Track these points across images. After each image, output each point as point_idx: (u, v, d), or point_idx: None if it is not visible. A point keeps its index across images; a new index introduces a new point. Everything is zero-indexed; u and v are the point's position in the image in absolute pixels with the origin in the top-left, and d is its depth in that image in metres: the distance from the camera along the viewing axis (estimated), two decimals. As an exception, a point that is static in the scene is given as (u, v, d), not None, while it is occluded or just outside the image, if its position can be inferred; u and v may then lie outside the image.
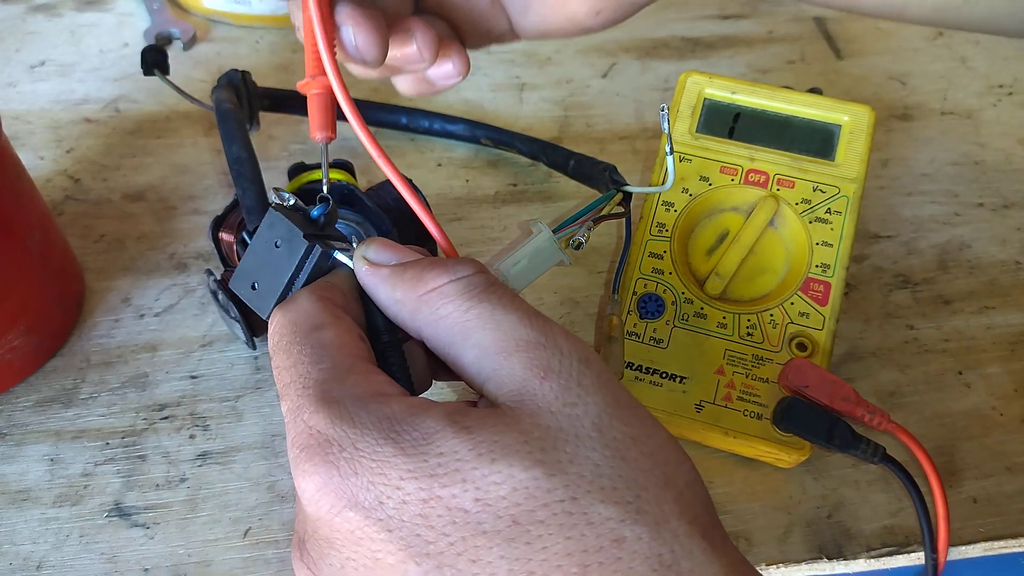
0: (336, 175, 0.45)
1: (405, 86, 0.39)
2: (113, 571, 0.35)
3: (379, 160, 0.29)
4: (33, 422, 0.40)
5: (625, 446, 0.23)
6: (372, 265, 0.27)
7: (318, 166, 0.45)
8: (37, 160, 0.52)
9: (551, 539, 0.22)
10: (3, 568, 0.35)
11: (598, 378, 0.24)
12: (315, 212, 0.29)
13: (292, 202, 0.29)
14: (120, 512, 0.37)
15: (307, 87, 0.29)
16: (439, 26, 0.37)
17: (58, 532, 0.36)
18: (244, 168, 0.45)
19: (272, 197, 0.29)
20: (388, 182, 0.45)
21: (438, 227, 0.30)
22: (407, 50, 0.34)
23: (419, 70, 0.36)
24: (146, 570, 0.35)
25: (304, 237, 0.27)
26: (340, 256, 0.28)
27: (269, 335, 0.27)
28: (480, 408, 0.24)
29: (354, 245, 0.28)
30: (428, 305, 0.26)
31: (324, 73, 0.29)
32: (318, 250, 0.27)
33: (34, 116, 0.54)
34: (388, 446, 0.23)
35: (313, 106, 0.29)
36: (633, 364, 0.39)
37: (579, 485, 0.22)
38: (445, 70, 0.37)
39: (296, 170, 0.45)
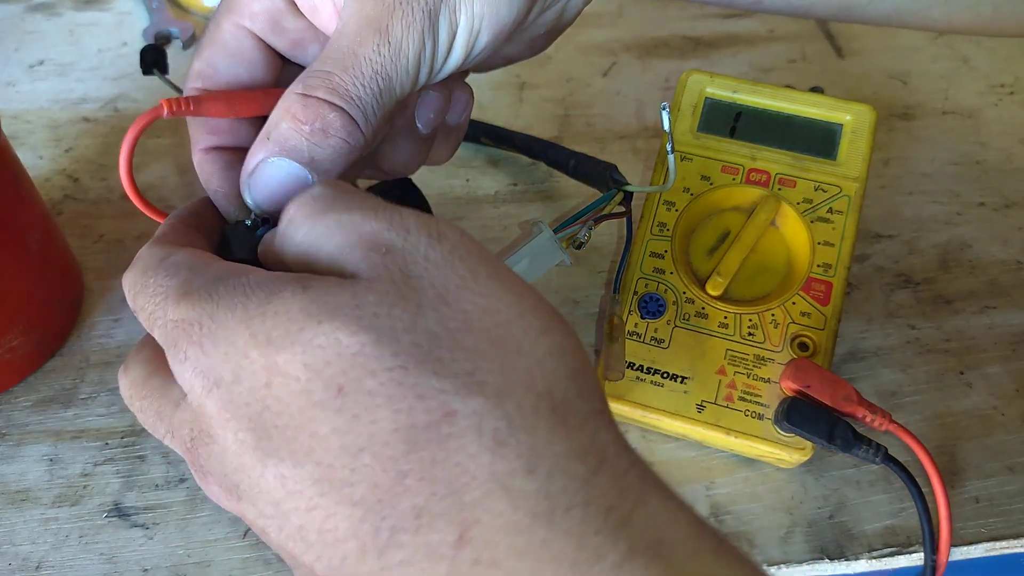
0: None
1: (441, 151, 0.36)
2: (113, 571, 0.35)
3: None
4: (32, 422, 0.40)
5: (474, 317, 0.22)
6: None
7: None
8: (36, 159, 0.51)
9: (379, 412, 0.20)
10: (2, 568, 0.35)
11: (451, 251, 0.23)
12: (260, 231, 0.28)
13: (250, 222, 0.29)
14: (119, 512, 0.37)
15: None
16: None
17: (57, 532, 0.36)
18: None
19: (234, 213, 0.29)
20: (388, 182, 0.45)
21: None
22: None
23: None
24: (145, 570, 0.35)
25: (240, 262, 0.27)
26: None
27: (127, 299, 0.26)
28: (324, 277, 0.23)
29: None
30: (283, 238, 0.25)
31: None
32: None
33: (33, 115, 0.54)
34: (238, 311, 0.22)
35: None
36: (634, 364, 0.39)
37: (411, 355, 0.21)
38: (461, 102, 0.34)
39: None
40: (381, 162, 0.33)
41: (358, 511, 0.20)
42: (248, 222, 0.28)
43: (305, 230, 0.24)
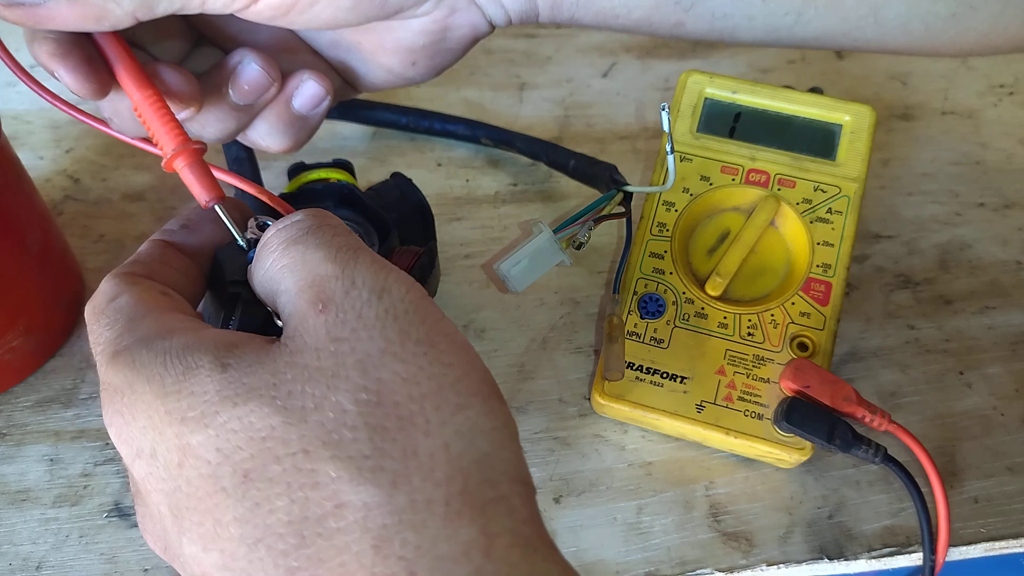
0: (336, 175, 0.45)
1: (271, 133, 0.34)
2: (113, 571, 0.35)
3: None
4: (33, 422, 0.40)
5: (389, 388, 0.20)
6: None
7: (318, 166, 0.45)
8: (37, 160, 0.52)
9: (277, 501, 0.19)
10: (3, 568, 0.35)
11: (387, 310, 0.22)
12: (250, 255, 0.28)
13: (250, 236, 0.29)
14: (120, 512, 0.37)
15: (173, 164, 0.28)
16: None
17: (58, 532, 0.36)
18: (243, 168, 0.45)
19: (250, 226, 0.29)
20: (388, 182, 0.45)
21: (254, 186, 0.29)
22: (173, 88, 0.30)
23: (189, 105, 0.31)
24: (146, 570, 0.35)
25: (231, 284, 0.27)
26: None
27: None
28: (255, 343, 0.22)
29: None
30: (256, 260, 0.24)
31: (183, 144, 0.28)
32: (239, 303, 0.27)
33: (33, 116, 0.54)
34: (155, 385, 0.21)
35: (189, 178, 0.28)
36: (634, 364, 0.39)
37: (316, 436, 0.20)
38: (309, 92, 0.33)
39: (296, 170, 0.45)
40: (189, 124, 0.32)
41: None
42: (242, 243, 0.28)
43: (274, 258, 0.24)
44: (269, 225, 0.28)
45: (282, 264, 0.23)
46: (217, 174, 0.29)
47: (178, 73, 0.30)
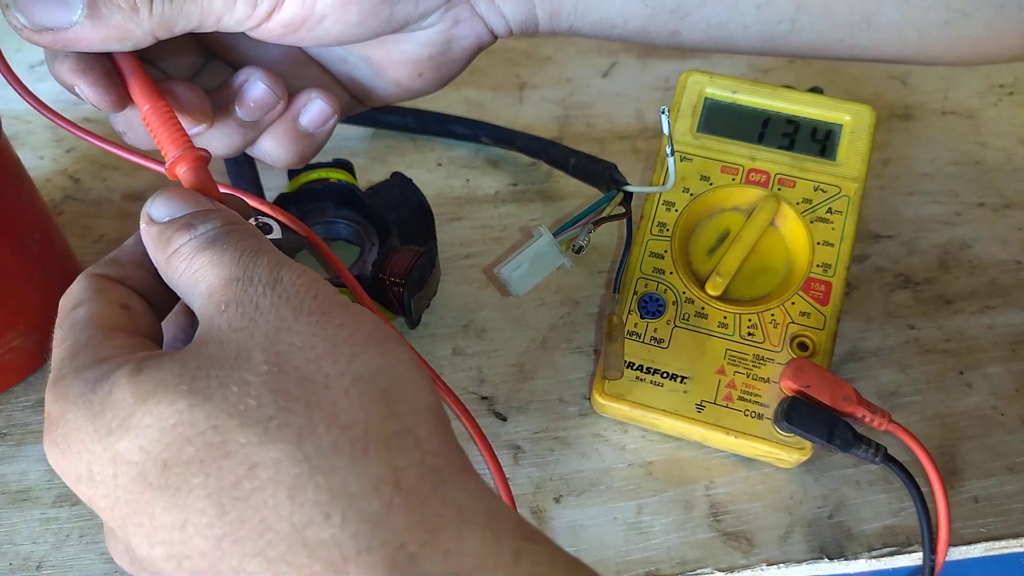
0: (336, 175, 0.45)
1: (277, 149, 0.34)
2: (113, 571, 0.35)
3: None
4: (33, 422, 0.40)
5: (287, 357, 0.22)
6: (149, 223, 0.26)
7: (318, 166, 0.45)
8: (37, 160, 0.52)
9: (195, 480, 0.20)
10: (3, 568, 0.35)
11: (280, 295, 0.23)
12: None
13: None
14: (120, 512, 0.37)
15: (174, 169, 0.29)
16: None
17: (58, 532, 0.36)
18: (242, 169, 0.45)
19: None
20: (388, 182, 0.45)
21: (254, 198, 0.30)
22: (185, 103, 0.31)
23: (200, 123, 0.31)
24: (146, 570, 0.35)
25: None
26: None
27: None
28: (174, 350, 0.23)
29: None
30: (171, 266, 0.25)
31: (185, 150, 0.28)
32: None
33: (34, 116, 0.54)
34: (83, 408, 0.22)
35: (190, 183, 0.28)
36: (634, 364, 0.39)
37: (222, 411, 0.21)
38: (316, 110, 0.33)
39: (296, 170, 0.45)
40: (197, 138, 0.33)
41: None
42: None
43: (185, 266, 0.24)
44: (269, 225, 0.28)
45: (192, 271, 0.24)
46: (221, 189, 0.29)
47: (190, 90, 0.31)
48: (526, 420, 0.40)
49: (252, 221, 0.28)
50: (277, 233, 0.29)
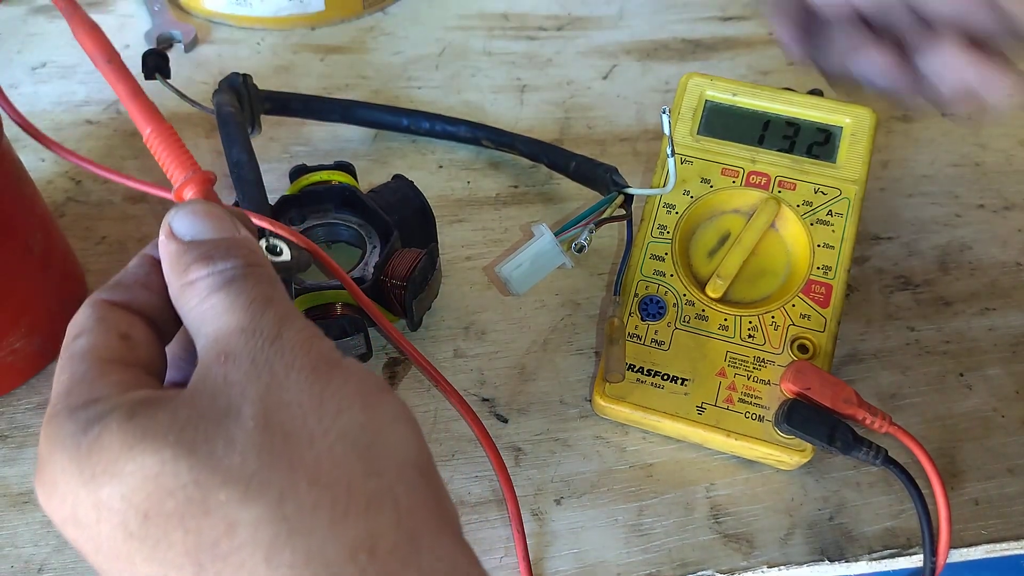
0: (337, 177, 0.45)
1: None
2: (115, 573, 0.35)
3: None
4: (35, 424, 0.40)
5: (274, 413, 0.21)
6: (169, 236, 0.25)
7: (320, 168, 0.45)
8: (38, 162, 0.52)
9: (175, 535, 0.20)
10: (5, 571, 0.35)
11: (277, 351, 0.23)
12: None
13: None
14: (122, 514, 0.37)
15: (181, 193, 0.28)
16: None
17: (60, 535, 0.36)
18: (244, 171, 0.45)
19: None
20: (390, 184, 0.45)
21: (262, 218, 0.29)
22: None
23: None
24: (148, 572, 0.35)
25: None
26: None
27: None
28: (170, 394, 0.23)
29: None
30: (183, 296, 0.24)
31: (192, 172, 0.28)
32: None
33: (35, 118, 0.54)
34: (70, 451, 0.22)
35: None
36: (635, 366, 0.39)
37: (205, 465, 0.20)
38: None
39: (297, 172, 0.46)
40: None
41: None
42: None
43: (197, 302, 0.24)
44: (278, 245, 0.28)
45: (202, 310, 0.24)
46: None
47: None
48: (527, 422, 0.40)
49: (263, 243, 0.28)
50: (287, 255, 0.29)
